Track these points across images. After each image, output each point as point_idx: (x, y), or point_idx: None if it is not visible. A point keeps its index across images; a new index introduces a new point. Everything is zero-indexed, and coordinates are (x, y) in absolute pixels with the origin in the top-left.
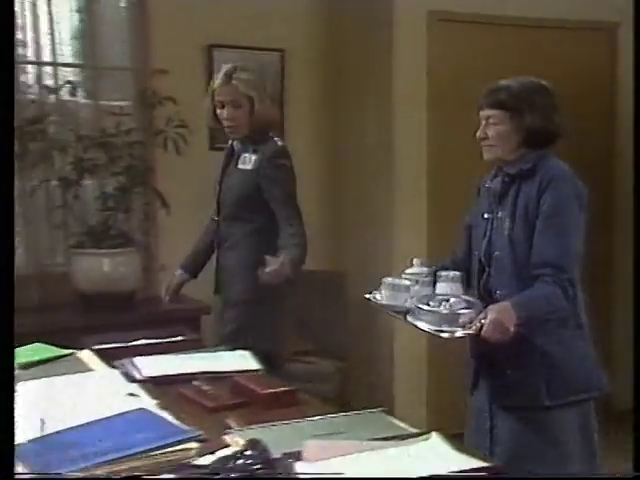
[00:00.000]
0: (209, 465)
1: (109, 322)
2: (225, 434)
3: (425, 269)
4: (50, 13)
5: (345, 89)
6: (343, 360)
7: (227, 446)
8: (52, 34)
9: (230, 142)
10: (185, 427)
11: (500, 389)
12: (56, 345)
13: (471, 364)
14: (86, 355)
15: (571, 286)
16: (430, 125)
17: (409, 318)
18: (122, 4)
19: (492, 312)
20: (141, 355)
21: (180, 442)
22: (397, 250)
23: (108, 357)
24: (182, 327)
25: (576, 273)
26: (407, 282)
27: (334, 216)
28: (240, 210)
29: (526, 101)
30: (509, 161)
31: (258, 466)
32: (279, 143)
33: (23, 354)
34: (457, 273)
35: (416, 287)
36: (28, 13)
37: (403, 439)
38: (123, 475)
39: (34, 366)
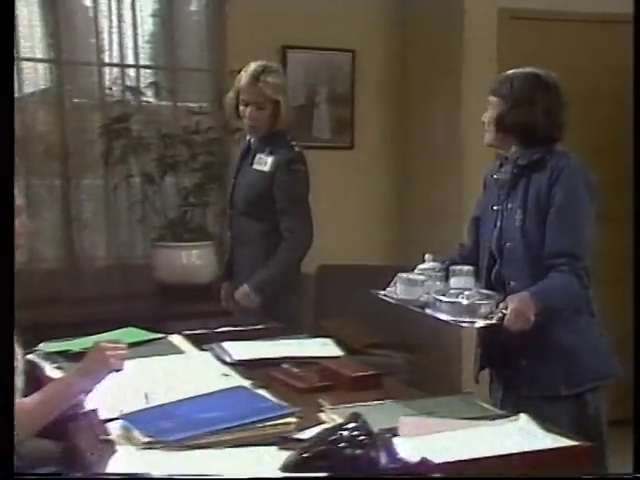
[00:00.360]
0: (315, 435)
1: (187, 312)
2: (319, 412)
3: (438, 264)
4: (134, 17)
5: (415, 88)
6: (413, 353)
7: (323, 423)
8: (135, 37)
9: (247, 139)
10: (283, 403)
11: (516, 380)
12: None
13: (481, 357)
14: (177, 339)
15: (586, 274)
16: None
17: (428, 310)
18: (199, 8)
19: (513, 302)
20: (228, 340)
21: (281, 417)
22: None
23: (197, 342)
24: (261, 316)
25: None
26: (422, 277)
27: (402, 214)
28: (253, 209)
29: (508, 92)
30: (511, 151)
31: (362, 438)
32: (296, 149)
33: (117, 337)
34: (470, 267)
35: (429, 282)
36: (115, 18)
37: (492, 419)
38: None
39: (131, 347)
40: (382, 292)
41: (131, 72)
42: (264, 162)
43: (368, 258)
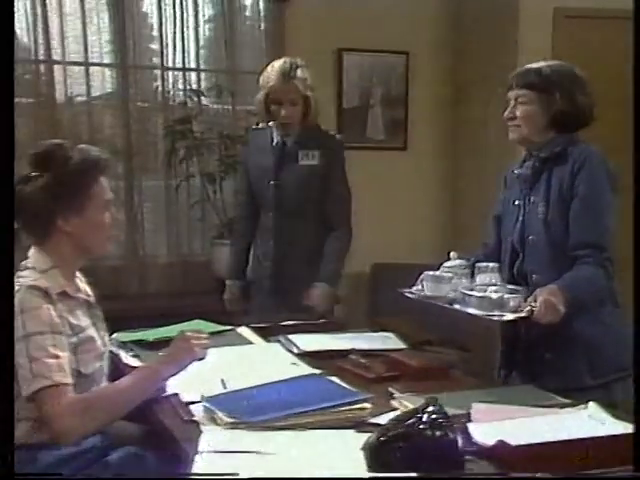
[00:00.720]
0: (395, 418)
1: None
2: (390, 400)
3: (464, 262)
4: (197, 22)
5: (468, 89)
6: (467, 350)
7: (395, 409)
8: (197, 42)
9: (278, 138)
10: (356, 390)
11: (541, 374)
12: None
13: (503, 355)
14: (244, 331)
15: (610, 265)
16: None
17: (457, 306)
18: (259, 13)
19: (542, 294)
20: (291, 333)
21: (356, 402)
22: None
23: (262, 334)
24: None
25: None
26: (449, 274)
27: (455, 214)
28: (305, 207)
29: (555, 83)
30: (537, 144)
31: (441, 420)
32: (337, 136)
33: (186, 329)
34: (496, 264)
35: (455, 279)
36: (178, 22)
37: (561, 407)
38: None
39: None
40: (408, 290)
41: (192, 75)
42: (312, 156)
43: (420, 257)
